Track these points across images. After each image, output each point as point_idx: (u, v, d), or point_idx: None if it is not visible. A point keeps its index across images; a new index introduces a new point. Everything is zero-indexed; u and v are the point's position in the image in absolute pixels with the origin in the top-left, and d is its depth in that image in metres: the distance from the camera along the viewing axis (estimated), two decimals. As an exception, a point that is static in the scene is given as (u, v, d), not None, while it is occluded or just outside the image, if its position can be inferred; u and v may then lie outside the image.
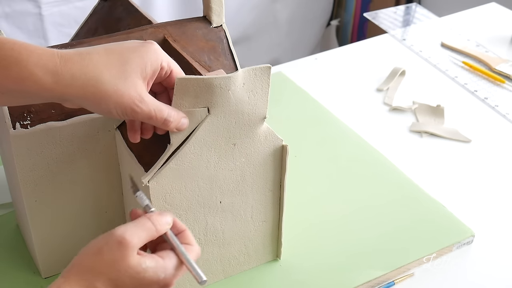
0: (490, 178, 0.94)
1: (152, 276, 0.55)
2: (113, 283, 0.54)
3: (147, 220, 0.57)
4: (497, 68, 1.19)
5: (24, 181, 0.67)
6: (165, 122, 0.60)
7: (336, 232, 0.82)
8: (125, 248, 0.54)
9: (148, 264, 0.55)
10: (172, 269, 0.57)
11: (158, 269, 0.55)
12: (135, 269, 0.54)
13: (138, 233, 0.56)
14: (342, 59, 1.24)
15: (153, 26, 0.72)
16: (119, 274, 0.54)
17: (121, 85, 0.56)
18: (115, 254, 0.54)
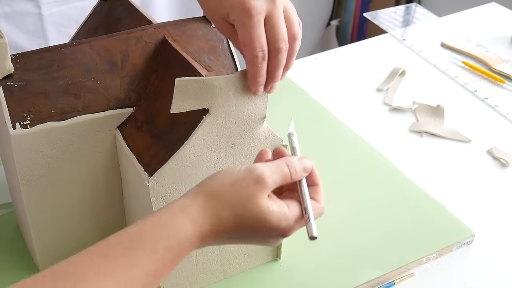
0: (490, 178, 0.94)
1: (274, 222, 0.55)
2: (237, 219, 0.54)
3: (285, 166, 0.57)
4: (497, 68, 1.19)
5: (24, 181, 0.67)
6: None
7: (336, 232, 0.82)
8: (261, 187, 0.55)
9: (274, 208, 0.55)
10: (292, 221, 0.57)
11: (281, 217, 0.56)
12: (262, 210, 0.55)
13: (274, 177, 0.56)
14: (342, 59, 1.24)
15: (153, 26, 0.72)
16: (246, 210, 0.54)
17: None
18: (249, 190, 0.55)
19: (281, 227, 0.56)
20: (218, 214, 0.54)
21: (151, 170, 0.64)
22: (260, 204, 0.55)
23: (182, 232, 0.52)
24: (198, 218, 0.53)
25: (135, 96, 0.69)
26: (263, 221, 0.55)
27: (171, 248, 0.51)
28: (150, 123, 0.67)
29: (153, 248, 0.51)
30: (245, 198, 0.54)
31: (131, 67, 0.69)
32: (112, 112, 0.68)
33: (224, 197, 0.54)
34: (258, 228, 0.55)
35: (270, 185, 0.55)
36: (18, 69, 0.65)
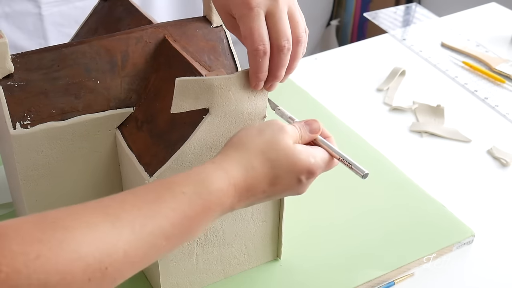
0: (490, 178, 0.95)
1: (305, 160, 0.58)
2: (270, 163, 0.56)
3: (295, 129, 0.61)
4: (497, 68, 1.19)
5: (25, 180, 0.67)
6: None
7: (336, 231, 0.82)
8: (285, 132, 0.58)
9: (301, 148, 0.58)
10: (320, 159, 0.60)
11: (309, 154, 0.59)
12: (292, 150, 0.57)
13: (294, 129, 0.60)
14: (342, 59, 1.24)
15: (153, 26, 0.72)
16: (277, 153, 0.57)
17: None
18: (276, 135, 0.58)
19: (311, 163, 0.58)
20: (250, 162, 0.56)
21: (151, 170, 0.64)
22: (288, 145, 0.57)
23: (213, 179, 0.53)
24: (230, 169, 0.54)
25: (135, 96, 0.69)
26: (296, 160, 0.57)
27: (201, 194, 0.52)
28: (150, 123, 0.67)
29: (182, 190, 0.51)
30: (273, 142, 0.57)
31: (131, 67, 0.69)
32: (112, 112, 0.68)
33: (252, 146, 0.57)
34: (291, 169, 0.57)
35: (290, 133, 0.59)
36: (19, 69, 0.65)
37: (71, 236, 0.44)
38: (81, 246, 0.44)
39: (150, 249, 0.49)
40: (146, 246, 0.48)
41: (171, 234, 0.50)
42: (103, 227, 0.46)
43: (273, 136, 0.57)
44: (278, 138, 0.57)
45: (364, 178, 0.61)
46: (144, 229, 0.48)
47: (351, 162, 0.62)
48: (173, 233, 0.50)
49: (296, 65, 0.64)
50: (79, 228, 0.45)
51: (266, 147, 0.57)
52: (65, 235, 0.44)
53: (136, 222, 0.48)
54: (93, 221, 0.46)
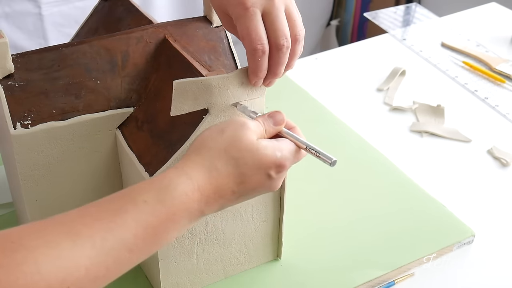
0: (490, 178, 0.95)
1: (270, 155, 0.56)
2: (235, 162, 0.54)
3: (259, 124, 0.59)
4: (497, 68, 1.19)
5: (25, 180, 0.67)
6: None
7: (336, 231, 0.82)
8: (247, 128, 0.56)
9: (265, 143, 0.56)
10: (287, 152, 0.58)
11: (275, 148, 0.57)
12: (256, 146, 0.55)
13: (255, 124, 0.58)
14: (342, 59, 1.24)
15: (153, 26, 0.72)
16: (240, 151, 0.55)
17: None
18: (238, 132, 0.55)
19: (277, 157, 0.56)
20: (213, 164, 0.54)
21: (151, 170, 0.64)
22: (252, 141, 0.55)
23: (176, 185, 0.51)
24: (193, 172, 0.53)
25: (135, 96, 0.69)
26: (261, 157, 0.55)
27: (163, 200, 0.50)
28: (150, 123, 0.67)
29: (143, 198, 0.49)
30: (235, 140, 0.55)
31: (131, 67, 0.69)
32: (112, 112, 0.68)
33: (214, 146, 0.55)
34: (256, 166, 0.55)
35: (253, 128, 0.57)
36: (19, 69, 0.65)
37: (32, 257, 0.43)
38: (42, 266, 0.43)
39: (114, 263, 0.47)
40: (108, 261, 0.47)
41: (134, 246, 0.48)
42: (64, 244, 0.45)
43: (235, 133, 0.55)
44: (240, 135, 0.55)
45: (332, 165, 0.58)
46: (105, 244, 0.47)
47: (318, 150, 0.59)
48: (137, 245, 0.49)
49: (295, 62, 0.64)
50: (40, 247, 0.44)
51: (228, 146, 0.54)
52: (25, 256, 0.43)
53: (96, 236, 0.46)
54: (54, 239, 0.45)
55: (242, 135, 0.55)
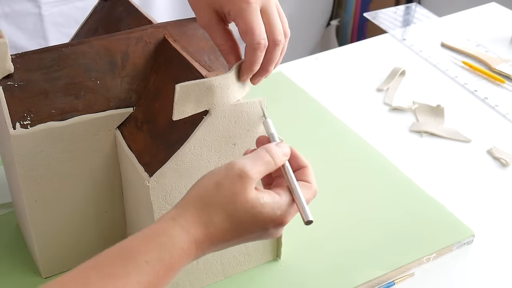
0: (490, 178, 0.94)
1: (269, 213, 0.54)
2: (230, 218, 0.53)
3: (266, 153, 0.56)
4: (497, 68, 1.19)
5: (24, 181, 0.67)
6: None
7: (336, 232, 0.82)
8: (245, 181, 0.53)
9: (265, 199, 0.54)
10: (286, 207, 0.56)
11: (275, 206, 0.55)
12: (253, 204, 0.53)
13: (257, 167, 0.55)
14: (342, 59, 1.24)
15: (153, 26, 0.72)
16: (237, 208, 0.53)
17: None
18: (235, 187, 0.53)
19: (277, 216, 0.55)
20: (210, 218, 0.53)
21: (151, 170, 0.64)
22: (249, 199, 0.53)
23: (174, 241, 0.51)
24: (189, 226, 0.52)
25: (135, 96, 0.69)
26: (258, 215, 0.54)
27: (163, 259, 0.50)
28: (150, 123, 0.67)
29: (145, 258, 0.49)
30: (232, 196, 0.53)
31: (131, 67, 0.69)
32: (112, 112, 0.68)
33: (211, 201, 0.53)
34: (255, 223, 0.54)
35: (254, 177, 0.54)
36: (18, 69, 0.65)
37: None
38: None
39: None
40: None
41: None
42: None
43: (232, 189, 0.53)
44: (238, 192, 0.53)
45: (306, 224, 0.56)
46: None
47: (303, 205, 0.56)
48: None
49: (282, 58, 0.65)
50: None
51: (225, 202, 0.53)
52: None
53: None
54: None
55: (239, 192, 0.53)
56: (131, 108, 0.69)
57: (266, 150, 0.57)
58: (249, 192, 0.54)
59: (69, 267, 0.76)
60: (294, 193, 0.56)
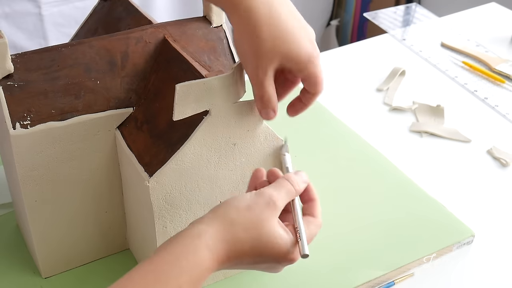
0: (490, 178, 0.94)
1: (283, 246, 0.57)
2: (252, 242, 0.56)
3: (287, 183, 0.60)
4: (497, 68, 1.19)
5: (24, 181, 0.67)
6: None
7: (336, 232, 0.82)
8: (272, 210, 0.57)
9: (281, 232, 0.57)
10: (293, 244, 0.58)
11: (288, 241, 0.58)
12: (274, 234, 0.57)
13: (282, 196, 0.58)
14: (342, 59, 1.24)
15: (153, 26, 0.72)
16: (261, 234, 0.56)
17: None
18: (263, 214, 0.56)
19: (290, 251, 0.58)
20: (234, 237, 0.55)
21: (151, 170, 0.64)
22: (272, 228, 0.57)
23: (202, 262, 0.54)
24: (215, 244, 0.55)
25: (135, 96, 0.69)
26: (276, 246, 0.57)
27: (193, 280, 0.53)
28: (150, 123, 0.67)
29: (178, 283, 0.52)
30: (259, 222, 0.56)
31: (131, 67, 0.69)
32: (112, 112, 0.68)
33: (239, 221, 0.56)
34: (271, 253, 0.57)
35: (279, 206, 0.58)
36: (18, 69, 0.65)
37: None
38: None
39: None
40: None
41: None
42: None
43: (260, 214, 0.56)
44: (264, 219, 0.56)
45: (302, 258, 0.58)
46: None
47: (301, 237, 0.59)
48: None
49: None
50: None
51: (251, 226, 0.56)
52: None
53: None
54: None
55: (265, 219, 0.56)
56: (131, 108, 0.69)
57: (286, 179, 0.60)
58: (273, 221, 0.57)
59: (69, 267, 0.76)
60: (297, 228, 0.59)
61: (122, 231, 0.77)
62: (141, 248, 0.74)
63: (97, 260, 0.77)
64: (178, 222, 0.68)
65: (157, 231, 0.67)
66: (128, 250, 0.79)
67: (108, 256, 0.78)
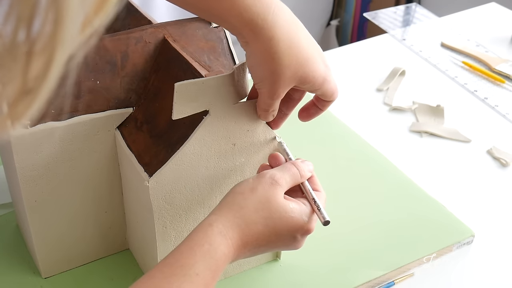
0: (490, 178, 0.94)
1: (298, 219, 0.59)
2: (264, 221, 0.58)
3: (293, 166, 0.62)
4: (497, 68, 1.19)
5: (24, 181, 0.67)
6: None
7: (336, 232, 0.82)
8: (275, 188, 0.59)
9: (293, 205, 0.59)
10: (310, 213, 0.61)
11: (302, 212, 0.60)
12: (284, 208, 0.58)
13: (285, 177, 0.60)
14: (342, 59, 1.24)
15: (153, 26, 0.72)
16: (270, 212, 0.58)
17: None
18: (267, 193, 0.58)
19: (305, 222, 0.59)
20: (245, 221, 0.57)
21: (151, 170, 0.64)
22: (281, 204, 0.58)
23: (217, 248, 0.55)
24: (227, 230, 0.56)
25: (135, 96, 0.69)
26: (289, 220, 0.58)
27: (210, 267, 0.54)
28: (150, 123, 0.67)
29: (195, 271, 0.53)
30: (266, 200, 0.58)
31: (131, 67, 0.69)
32: (112, 112, 0.68)
33: (247, 204, 0.57)
34: (286, 228, 0.58)
35: (282, 184, 0.59)
36: (18, 69, 0.65)
37: None
38: None
39: None
40: None
41: None
42: None
43: (264, 194, 0.58)
44: (270, 197, 0.58)
45: (324, 225, 0.61)
46: None
47: (321, 207, 0.62)
48: None
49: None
50: None
51: (260, 207, 0.58)
52: None
53: None
54: None
55: (271, 196, 0.58)
56: (131, 108, 0.69)
57: (293, 164, 0.62)
58: (279, 197, 0.58)
59: (68, 267, 0.76)
60: (313, 199, 0.61)
61: (122, 231, 0.77)
62: (141, 248, 0.74)
63: (97, 260, 0.77)
64: (178, 222, 0.68)
65: (157, 231, 0.67)
66: (128, 250, 0.79)
67: (108, 256, 0.78)
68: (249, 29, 0.58)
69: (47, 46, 0.32)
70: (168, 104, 0.62)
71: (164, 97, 0.67)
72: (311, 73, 0.62)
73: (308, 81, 0.62)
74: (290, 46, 0.59)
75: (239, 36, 0.60)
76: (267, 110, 0.63)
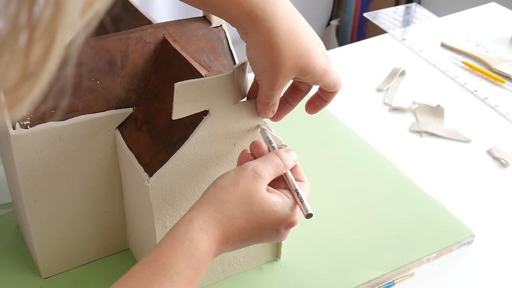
0: (490, 178, 0.94)
1: (281, 212, 0.58)
2: (246, 215, 0.56)
3: (276, 156, 0.60)
4: (497, 68, 1.19)
5: (24, 181, 0.67)
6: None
7: (336, 232, 0.82)
8: (258, 180, 0.57)
9: (276, 198, 0.58)
10: (293, 205, 0.59)
11: (285, 205, 0.58)
12: (267, 202, 0.57)
13: (268, 169, 0.59)
14: (342, 59, 1.24)
15: (153, 26, 0.72)
16: (252, 206, 0.56)
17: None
18: (249, 186, 0.57)
19: (288, 215, 0.58)
20: (226, 216, 0.55)
21: (151, 170, 0.64)
22: (264, 197, 0.57)
23: (198, 245, 0.54)
24: (208, 226, 0.55)
25: (135, 96, 0.69)
26: (272, 213, 0.57)
27: (191, 265, 0.53)
28: (150, 123, 0.67)
29: (176, 270, 0.52)
30: (248, 194, 0.56)
31: (131, 67, 0.69)
32: (112, 112, 0.68)
33: (228, 198, 0.56)
34: (268, 222, 0.57)
35: (265, 177, 0.58)
36: (18, 69, 0.65)
37: None
38: None
39: None
40: None
41: None
42: None
43: (246, 188, 0.57)
44: (252, 191, 0.57)
45: (307, 218, 0.59)
46: None
47: (302, 198, 0.59)
48: None
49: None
50: None
51: (241, 201, 0.56)
52: None
53: None
54: None
55: (254, 190, 0.57)
56: (131, 108, 0.69)
57: (276, 154, 0.61)
58: (262, 190, 0.57)
59: (68, 267, 0.76)
60: (296, 191, 0.59)
61: (122, 231, 0.77)
62: (141, 248, 0.74)
63: (97, 260, 0.77)
64: (178, 222, 0.68)
65: (157, 231, 0.67)
66: (128, 250, 0.79)
67: (108, 256, 0.78)
68: (249, 20, 0.58)
69: (48, 30, 0.32)
70: (168, 104, 0.63)
71: (164, 97, 0.67)
72: (311, 64, 0.61)
73: (308, 72, 0.61)
74: (290, 37, 0.59)
75: (239, 27, 0.59)
76: (268, 103, 0.62)
